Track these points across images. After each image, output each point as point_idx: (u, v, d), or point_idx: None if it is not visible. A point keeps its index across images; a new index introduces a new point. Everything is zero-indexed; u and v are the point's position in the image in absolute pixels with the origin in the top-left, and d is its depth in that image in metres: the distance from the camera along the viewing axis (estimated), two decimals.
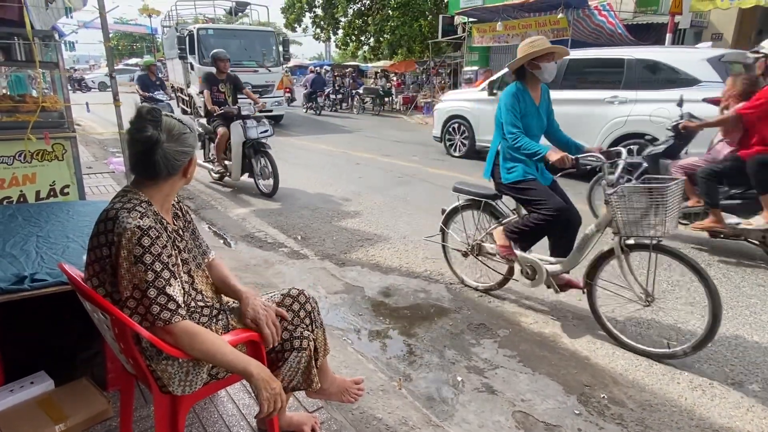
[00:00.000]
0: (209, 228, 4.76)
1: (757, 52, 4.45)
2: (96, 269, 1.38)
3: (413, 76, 21.10)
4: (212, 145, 6.32)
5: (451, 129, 8.56)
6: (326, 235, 4.53)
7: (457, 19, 15.84)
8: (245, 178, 6.18)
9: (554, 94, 3.23)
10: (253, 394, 2.04)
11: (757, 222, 3.78)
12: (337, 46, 26.88)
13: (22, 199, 3.23)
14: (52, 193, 3.33)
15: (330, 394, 1.84)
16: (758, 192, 3.75)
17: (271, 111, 11.26)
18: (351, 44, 24.80)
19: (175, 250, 1.45)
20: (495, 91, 7.43)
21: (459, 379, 2.43)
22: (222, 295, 1.66)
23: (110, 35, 4.94)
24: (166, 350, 1.33)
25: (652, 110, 5.57)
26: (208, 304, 1.54)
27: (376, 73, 22.70)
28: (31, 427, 1.72)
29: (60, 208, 2.58)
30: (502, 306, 3.19)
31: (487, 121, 7.53)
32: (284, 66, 13.42)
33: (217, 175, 6.54)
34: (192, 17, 15.68)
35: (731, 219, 3.96)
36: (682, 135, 4.35)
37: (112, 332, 1.37)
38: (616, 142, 5.82)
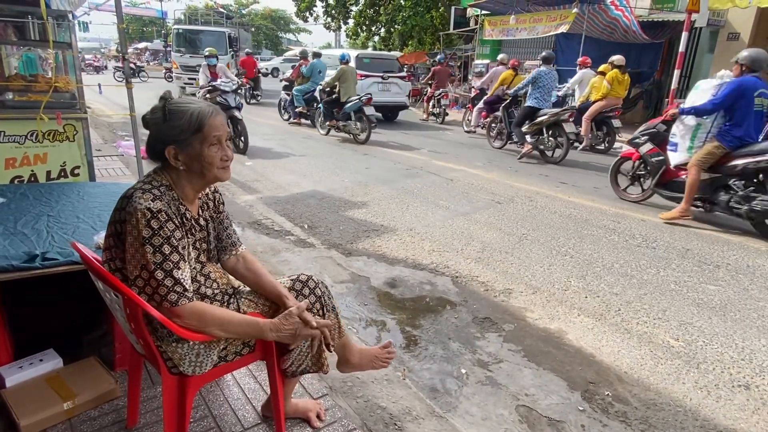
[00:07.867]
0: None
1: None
2: (111, 242, 1.40)
3: (423, 68, 20.97)
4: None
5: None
6: (333, 225, 4.53)
7: (470, 11, 15.68)
8: None
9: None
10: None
11: None
12: (347, 35, 26.70)
13: (33, 179, 3.24)
14: (62, 174, 3.34)
15: (362, 366, 1.83)
16: None
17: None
18: (362, 34, 24.61)
19: (189, 237, 1.45)
20: None
21: (463, 371, 2.44)
22: (235, 280, 1.66)
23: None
24: (178, 333, 1.34)
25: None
26: (218, 290, 1.55)
27: None
28: (40, 403, 1.74)
29: (71, 188, 2.59)
30: (508, 301, 3.19)
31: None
32: (233, 55, 17.63)
33: None
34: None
35: None
36: None
37: (123, 312, 1.38)
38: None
